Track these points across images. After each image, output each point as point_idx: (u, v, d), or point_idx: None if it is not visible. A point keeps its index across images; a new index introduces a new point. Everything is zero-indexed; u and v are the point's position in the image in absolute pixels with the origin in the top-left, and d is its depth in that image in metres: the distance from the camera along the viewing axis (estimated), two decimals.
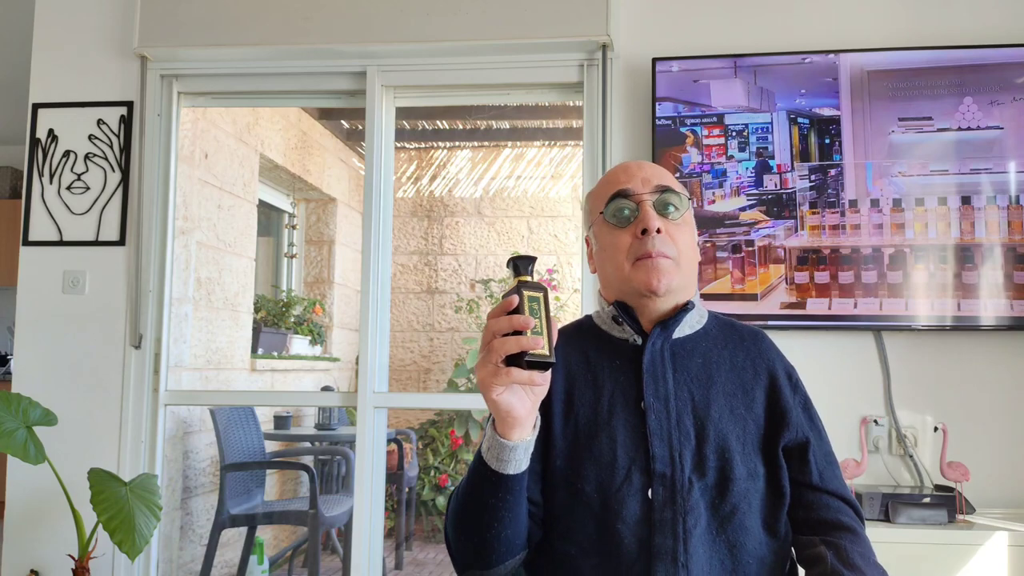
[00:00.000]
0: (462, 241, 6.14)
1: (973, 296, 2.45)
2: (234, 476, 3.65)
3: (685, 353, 1.27)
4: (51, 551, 2.75)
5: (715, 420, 1.21)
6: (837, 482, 1.27)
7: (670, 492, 1.17)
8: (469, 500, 1.14)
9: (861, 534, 1.24)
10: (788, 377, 1.30)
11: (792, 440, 1.24)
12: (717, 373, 1.26)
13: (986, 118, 2.48)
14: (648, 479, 1.17)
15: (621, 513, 1.16)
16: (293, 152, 4.94)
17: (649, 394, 1.21)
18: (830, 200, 2.52)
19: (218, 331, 4.00)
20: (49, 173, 2.87)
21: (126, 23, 2.89)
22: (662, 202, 1.26)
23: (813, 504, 1.24)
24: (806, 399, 1.31)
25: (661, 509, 1.16)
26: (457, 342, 6.01)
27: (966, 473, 2.33)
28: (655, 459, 1.18)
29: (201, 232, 3.82)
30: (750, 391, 1.26)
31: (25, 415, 2.47)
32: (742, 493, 1.19)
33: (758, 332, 1.35)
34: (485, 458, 1.09)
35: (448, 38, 2.71)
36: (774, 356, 1.32)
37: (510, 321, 0.98)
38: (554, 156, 6.05)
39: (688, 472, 1.18)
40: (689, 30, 2.69)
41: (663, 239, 1.23)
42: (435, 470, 5.34)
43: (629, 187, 1.27)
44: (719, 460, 1.19)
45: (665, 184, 1.27)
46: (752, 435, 1.23)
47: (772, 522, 1.22)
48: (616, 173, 1.32)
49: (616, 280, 1.27)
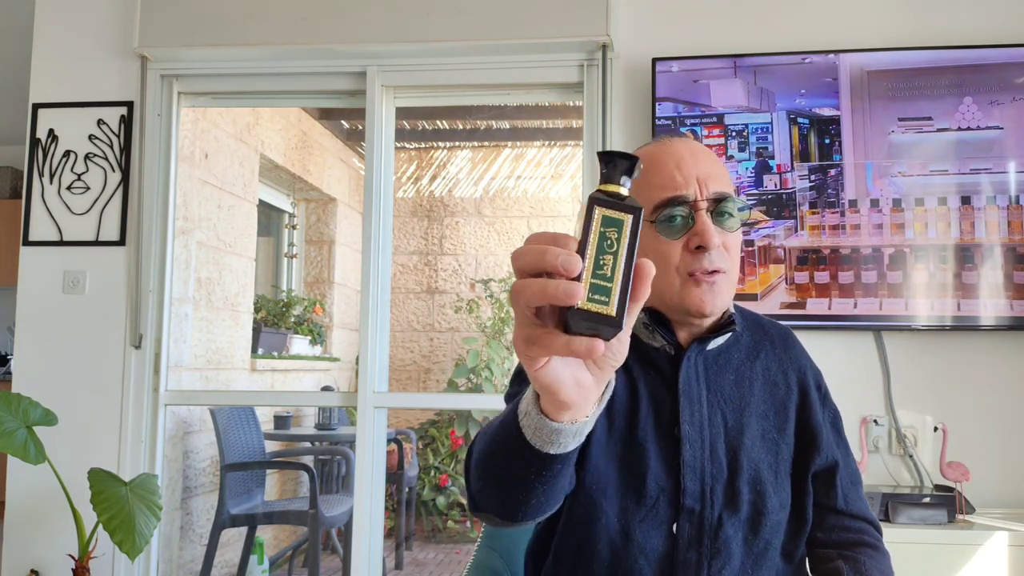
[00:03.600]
0: (462, 241, 6.14)
1: (973, 296, 2.45)
2: (234, 476, 3.65)
3: (718, 368, 1.17)
4: (51, 551, 2.75)
5: (748, 448, 1.13)
6: (861, 503, 1.22)
7: (697, 530, 1.09)
8: (496, 460, 0.88)
9: (882, 549, 1.19)
10: (818, 388, 1.23)
11: (822, 465, 1.18)
12: (750, 392, 1.17)
13: (986, 118, 2.48)
14: (675, 512, 1.09)
15: (644, 546, 1.08)
16: (293, 152, 4.94)
17: (685, 421, 1.11)
18: (830, 200, 2.52)
19: (218, 331, 4.00)
20: (49, 173, 2.87)
21: (126, 23, 2.90)
22: (720, 211, 1.11)
23: (835, 527, 1.19)
24: (835, 412, 1.25)
25: (686, 548, 1.09)
26: (457, 342, 6.01)
27: (966, 473, 2.33)
28: (685, 493, 1.09)
29: (201, 232, 3.82)
30: (782, 411, 1.18)
31: (25, 415, 2.48)
32: (774, 527, 1.13)
33: (787, 333, 1.27)
34: (521, 424, 0.78)
35: (448, 38, 2.71)
36: (805, 363, 1.24)
37: (541, 256, 0.60)
38: (554, 156, 6.05)
39: (719, 509, 1.10)
40: (689, 30, 2.69)
41: (720, 253, 1.09)
42: (435, 470, 5.34)
43: (685, 193, 1.10)
44: (752, 493, 1.11)
45: (723, 191, 1.11)
46: (784, 461, 1.16)
47: (791, 549, 1.17)
48: (666, 165, 1.12)
49: (660, 293, 1.12)
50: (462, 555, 4.94)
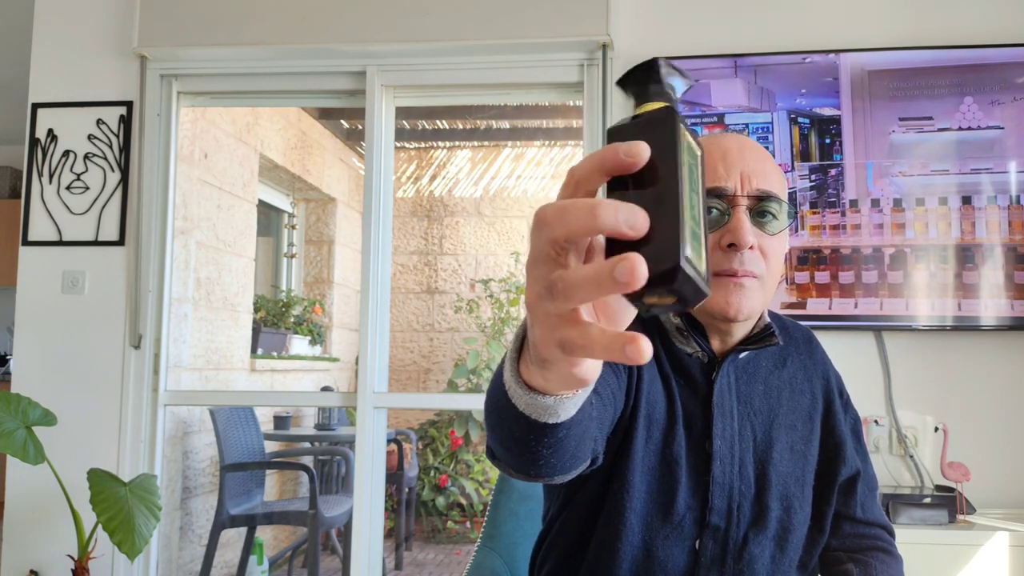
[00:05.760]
0: (462, 241, 6.14)
1: (974, 296, 2.44)
2: (234, 476, 3.65)
3: (747, 377, 1.12)
4: (51, 551, 2.74)
5: (776, 463, 1.09)
6: (877, 510, 1.20)
7: (720, 549, 1.06)
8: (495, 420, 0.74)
9: (895, 554, 1.18)
10: (840, 395, 1.20)
11: (845, 476, 1.16)
12: (778, 403, 1.13)
13: (986, 118, 2.48)
14: (699, 529, 1.05)
15: (666, 564, 1.04)
16: (293, 152, 4.94)
17: (717, 436, 1.06)
18: (830, 200, 2.52)
19: (218, 331, 3.99)
20: (49, 173, 2.87)
21: (126, 23, 2.89)
22: (760, 210, 1.03)
23: (850, 535, 1.18)
24: (856, 419, 1.23)
25: (708, 568, 1.05)
26: (457, 342, 6.01)
27: (966, 473, 2.33)
28: (712, 511, 1.05)
29: (201, 232, 3.82)
30: (808, 421, 1.15)
31: (25, 415, 2.47)
32: (799, 541, 1.10)
33: (810, 336, 1.23)
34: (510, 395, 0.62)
35: (448, 38, 2.71)
36: (828, 369, 1.21)
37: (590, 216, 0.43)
38: (554, 156, 6.04)
39: (745, 527, 1.06)
40: (689, 30, 2.69)
41: (753, 256, 1.02)
42: (435, 470, 5.33)
43: (725, 185, 1.02)
44: (781, 509, 1.08)
45: (768, 190, 1.03)
46: (810, 473, 1.13)
47: (807, 560, 1.14)
48: (711, 155, 1.04)
49: None
50: (462, 555, 4.94)
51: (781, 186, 1.07)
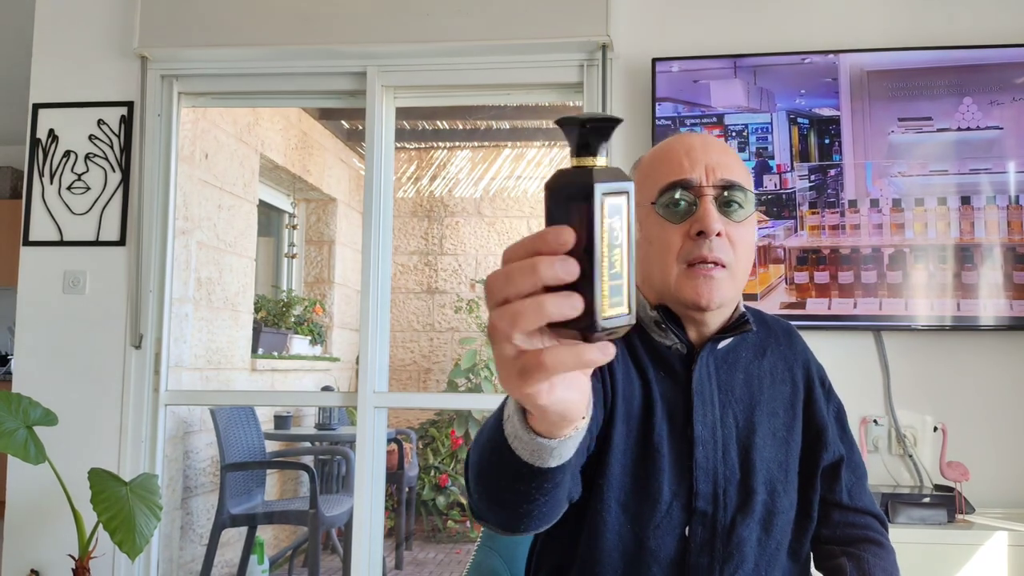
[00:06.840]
0: (462, 241, 6.15)
1: (973, 296, 2.45)
2: (234, 476, 3.66)
3: (728, 367, 1.15)
4: (51, 551, 2.75)
5: (759, 448, 1.12)
6: (867, 498, 1.21)
7: (709, 534, 1.07)
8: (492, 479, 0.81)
9: (887, 546, 1.18)
10: (821, 384, 1.23)
11: (828, 461, 1.18)
12: (759, 392, 1.16)
13: (986, 118, 2.48)
14: (687, 516, 1.07)
15: (657, 553, 1.06)
16: (293, 152, 4.94)
17: (698, 422, 1.09)
18: (830, 200, 2.53)
19: (218, 331, 4.00)
20: (49, 173, 2.88)
21: (126, 23, 2.90)
22: (726, 200, 1.09)
23: (839, 523, 1.19)
24: (839, 407, 1.24)
25: (698, 552, 1.07)
26: (457, 342, 6.01)
27: (966, 473, 2.33)
28: (698, 496, 1.07)
29: (201, 232, 3.82)
30: (790, 408, 1.17)
31: (25, 415, 2.48)
32: (785, 526, 1.12)
33: (791, 330, 1.26)
34: (512, 447, 0.70)
35: (448, 38, 2.71)
36: (809, 358, 1.24)
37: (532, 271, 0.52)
38: (554, 156, 6.05)
39: (732, 511, 1.08)
40: (689, 30, 2.69)
41: (721, 243, 1.07)
42: (435, 470, 5.34)
43: (691, 177, 1.08)
44: (765, 493, 1.10)
45: (732, 179, 1.09)
46: (793, 459, 1.15)
47: (797, 548, 1.15)
48: (676, 152, 1.11)
49: (660, 284, 1.10)
50: (462, 555, 4.94)
51: (746, 177, 1.13)
